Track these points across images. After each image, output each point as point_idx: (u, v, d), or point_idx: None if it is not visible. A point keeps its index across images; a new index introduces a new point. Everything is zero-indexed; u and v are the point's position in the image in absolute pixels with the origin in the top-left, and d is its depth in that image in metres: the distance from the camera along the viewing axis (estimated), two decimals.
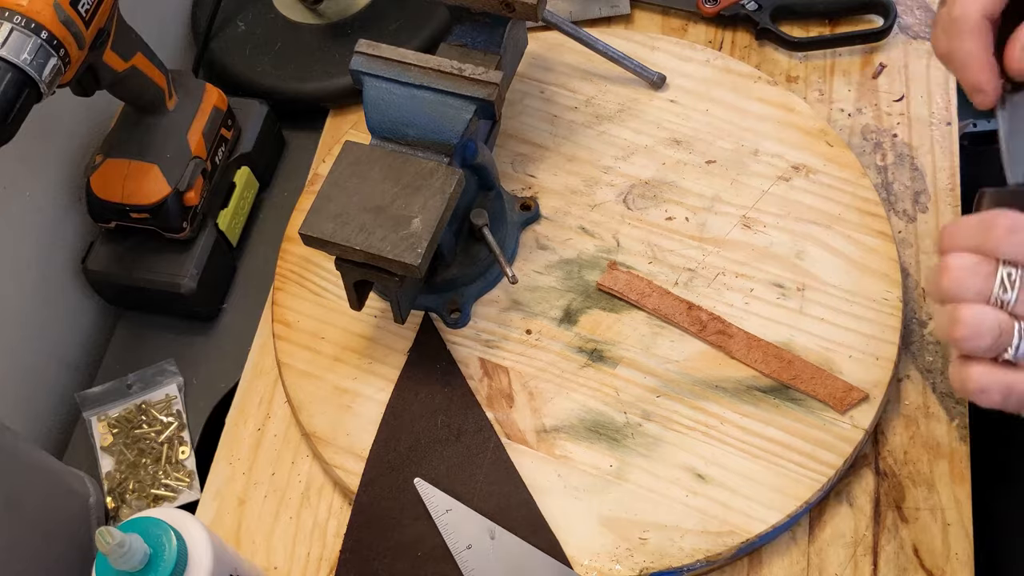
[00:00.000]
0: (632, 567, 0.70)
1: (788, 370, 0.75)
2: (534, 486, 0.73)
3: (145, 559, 0.58)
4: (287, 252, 0.86)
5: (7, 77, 0.66)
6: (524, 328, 0.80)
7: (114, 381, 0.85)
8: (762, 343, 0.76)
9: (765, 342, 0.76)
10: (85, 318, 0.92)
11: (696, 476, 0.72)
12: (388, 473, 0.74)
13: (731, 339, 0.77)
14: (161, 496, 0.81)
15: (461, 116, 0.73)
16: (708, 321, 0.78)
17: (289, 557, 0.75)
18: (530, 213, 0.84)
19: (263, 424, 0.81)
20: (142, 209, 0.83)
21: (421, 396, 0.77)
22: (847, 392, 0.74)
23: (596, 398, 0.76)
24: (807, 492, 0.71)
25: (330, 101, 0.96)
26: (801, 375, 0.75)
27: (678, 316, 0.78)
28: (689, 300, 0.79)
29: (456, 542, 0.71)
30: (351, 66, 0.74)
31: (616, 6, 0.97)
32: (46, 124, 0.83)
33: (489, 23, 0.81)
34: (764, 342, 0.76)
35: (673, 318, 0.78)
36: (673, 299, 0.79)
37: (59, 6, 0.67)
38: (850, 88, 0.90)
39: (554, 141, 0.89)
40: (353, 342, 0.81)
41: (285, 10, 1.00)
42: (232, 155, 0.91)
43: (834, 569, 0.71)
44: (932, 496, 0.73)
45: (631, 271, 0.81)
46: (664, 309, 0.79)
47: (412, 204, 0.70)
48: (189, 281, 0.85)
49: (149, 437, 0.83)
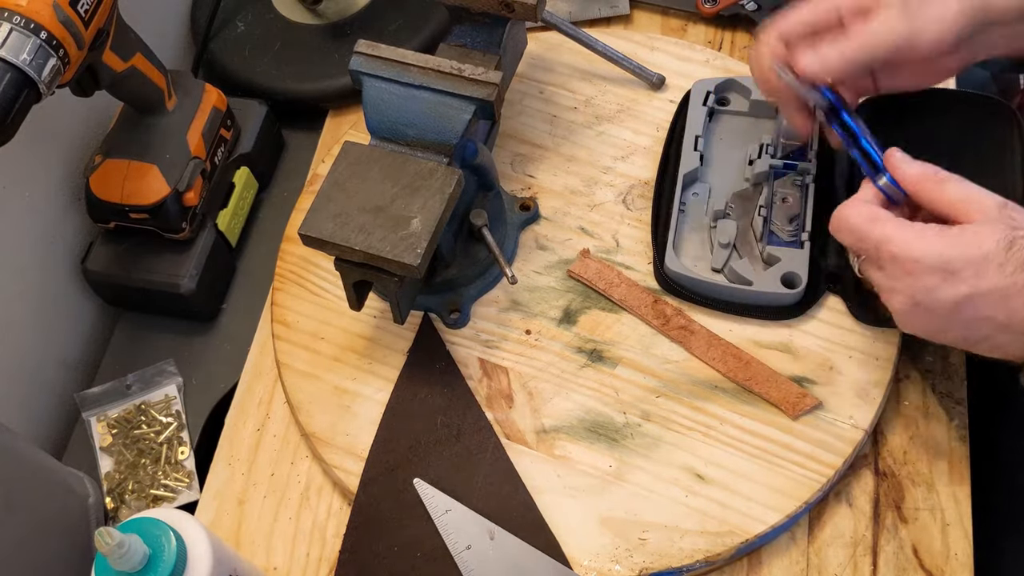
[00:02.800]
0: (631, 567, 0.70)
1: (744, 371, 0.75)
2: (534, 486, 0.73)
3: (144, 559, 0.58)
4: (286, 252, 0.86)
5: (6, 77, 0.66)
6: (524, 328, 0.80)
7: (113, 381, 0.85)
8: (722, 342, 0.77)
9: (725, 341, 0.77)
10: (85, 318, 0.92)
11: (695, 476, 0.72)
12: (387, 473, 0.74)
13: (692, 335, 0.77)
14: (160, 496, 0.81)
15: (460, 116, 0.73)
16: (672, 316, 0.78)
17: (289, 557, 0.75)
18: (529, 213, 0.84)
19: (263, 424, 0.81)
20: (141, 209, 0.83)
21: (421, 396, 0.77)
22: (800, 398, 0.74)
23: (595, 398, 0.76)
24: (806, 492, 0.71)
25: (329, 101, 0.96)
26: (756, 377, 0.75)
27: (642, 308, 0.78)
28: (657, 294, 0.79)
29: (456, 542, 0.71)
30: (350, 66, 0.74)
31: (616, 6, 0.97)
32: (46, 124, 0.83)
33: (489, 23, 0.81)
34: (724, 341, 0.77)
35: (637, 310, 0.78)
36: (640, 291, 0.79)
37: (58, 6, 0.67)
38: None
39: (554, 141, 0.89)
40: (353, 342, 0.81)
41: (285, 10, 1.00)
42: (231, 155, 0.91)
43: (833, 569, 0.71)
44: (932, 496, 0.73)
45: (603, 261, 0.81)
46: (630, 300, 0.79)
47: (411, 204, 0.70)
48: (189, 281, 0.85)
49: (148, 437, 0.83)
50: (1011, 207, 0.61)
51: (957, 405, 0.76)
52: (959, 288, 0.60)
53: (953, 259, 0.60)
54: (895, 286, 0.63)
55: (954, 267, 0.60)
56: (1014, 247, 0.59)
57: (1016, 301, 0.60)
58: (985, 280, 0.60)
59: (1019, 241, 0.59)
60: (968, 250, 0.60)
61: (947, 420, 0.76)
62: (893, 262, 0.62)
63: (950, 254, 0.60)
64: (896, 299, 0.64)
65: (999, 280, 0.59)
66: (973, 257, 0.60)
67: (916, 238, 0.61)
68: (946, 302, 0.61)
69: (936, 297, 0.61)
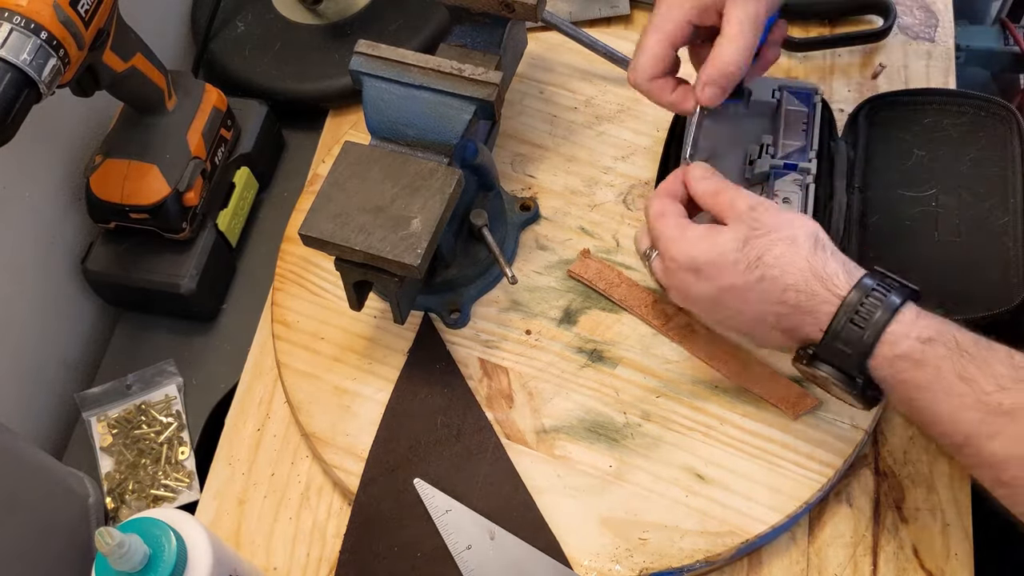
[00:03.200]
0: (632, 567, 0.70)
1: (745, 372, 0.75)
2: (534, 486, 0.73)
3: (145, 559, 0.58)
4: (287, 252, 0.86)
5: (7, 77, 0.65)
6: (524, 328, 0.80)
7: (114, 381, 0.85)
8: (723, 342, 0.77)
9: (726, 341, 0.77)
10: (85, 318, 0.92)
11: (696, 476, 0.72)
12: (388, 473, 0.74)
13: (693, 335, 0.77)
14: (161, 496, 0.81)
15: (461, 116, 0.73)
16: (673, 315, 0.78)
17: (289, 557, 0.75)
18: (530, 213, 0.84)
19: (263, 424, 0.81)
20: (142, 209, 0.83)
21: (421, 396, 0.77)
22: (801, 398, 0.74)
23: (596, 398, 0.76)
24: (807, 492, 0.71)
25: (330, 101, 0.96)
26: (757, 377, 0.75)
27: (643, 308, 0.79)
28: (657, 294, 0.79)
29: (456, 542, 0.71)
30: (351, 66, 0.74)
31: (616, 6, 0.97)
32: (46, 124, 0.83)
33: (489, 23, 0.81)
34: (725, 341, 0.77)
35: (638, 310, 0.78)
36: (640, 291, 0.79)
37: (59, 6, 0.67)
38: (850, 88, 0.90)
39: (554, 141, 0.89)
40: (353, 342, 0.81)
41: (285, 10, 1.00)
42: (232, 155, 0.91)
43: (834, 569, 0.71)
44: (932, 496, 0.73)
45: (603, 261, 0.81)
46: (630, 300, 0.79)
47: (412, 204, 0.70)
48: (189, 281, 0.85)
49: (149, 437, 0.83)
50: (760, 209, 0.66)
51: None
52: (706, 284, 0.66)
53: (697, 258, 0.66)
54: (668, 282, 0.70)
55: (698, 266, 0.66)
56: (746, 247, 0.64)
57: (751, 297, 0.65)
58: (724, 278, 0.65)
59: (752, 242, 0.64)
60: (710, 250, 0.66)
61: None
62: (663, 257, 0.69)
63: (695, 254, 0.66)
64: (672, 294, 0.71)
65: (735, 278, 0.65)
66: (711, 257, 0.66)
67: (678, 239, 0.68)
68: (701, 297, 0.68)
69: (694, 293, 0.68)
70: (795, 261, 0.63)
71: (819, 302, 0.63)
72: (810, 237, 0.64)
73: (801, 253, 0.63)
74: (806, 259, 0.63)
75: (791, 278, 0.63)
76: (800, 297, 0.63)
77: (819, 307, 0.63)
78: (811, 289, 0.63)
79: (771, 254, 0.64)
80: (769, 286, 0.64)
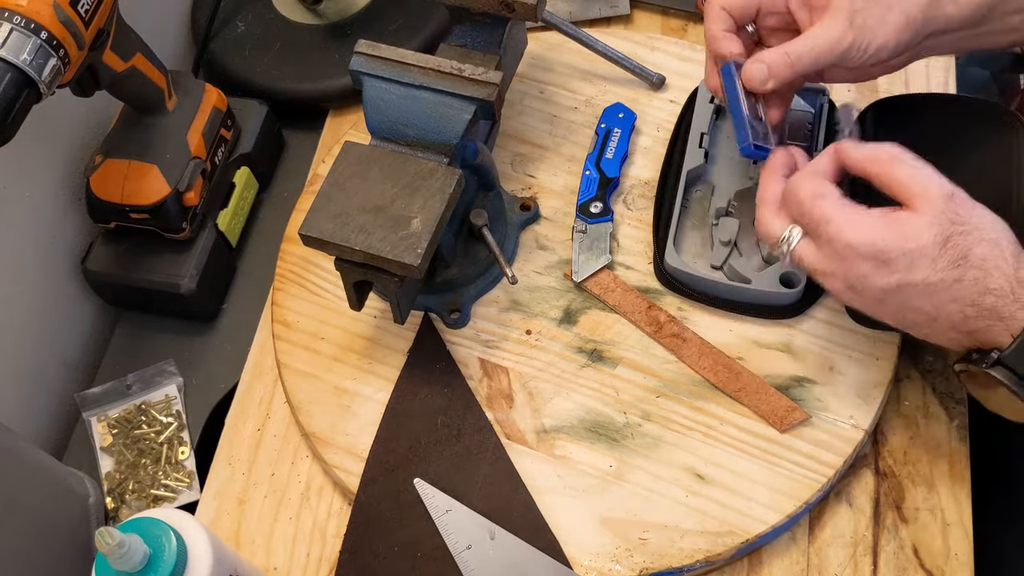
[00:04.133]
0: (632, 567, 0.70)
1: (734, 382, 0.75)
2: (534, 486, 0.73)
3: (145, 559, 0.58)
4: (287, 252, 0.86)
5: (7, 77, 0.65)
6: (524, 328, 0.80)
7: (114, 381, 0.85)
8: (714, 351, 0.77)
9: (717, 350, 0.77)
10: (85, 318, 0.92)
11: (696, 476, 0.72)
12: (388, 473, 0.74)
13: (684, 343, 0.77)
14: (161, 496, 0.81)
15: (461, 116, 0.73)
16: (665, 323, 0.78)
17: (289, 557, 0.75)
18: (530, 213, 0.84)
19: (263, 424, 0.81)
20: (142, 209, 0.83)
21: (421, 396, 0.77)
22: (789, 411, 0.74)
23: (596, 398, 0.76)
24: (807, 492, 0.71)
25: (330, 101, 0.96)
26: (746, 388, 0.75)
27: (636, 314, 0.78)
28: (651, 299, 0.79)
29: (456, 542, 0.71)
30: (351, 66, 0.74)
31: (616, 6, 0.97)
32: (46, 124, 0.83)
33: (489, 23, 0.81)
34: (716, 350, 0.77)
35: (631, 316, 0.78)
36: (635, 296, 0.79)
37: (59, 6, 0.67)
38: (850, 88, 0.90)
39: (554, 141, 0.89)
40: (353, 342, 0.81)
41: (285, 10, 1.00)
42: (232, 155, 0.91)
43: (834, 569, 0.71)
44: (932, 496, 0.73)
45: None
46: (624, 306, 0.79)
47: (412, 204, 0.70)
48: (189, 281, 0.85)
49: (149, 437, 0.83)
50: (958, 199, 0.62)
51: (957, 405, 0.76)
52: (890, 278, 0.61)
53: (887, 249, 0.61)
54: (828, 269, 0.64)
55: (887, 257, 0.61)
56: (948, 244, 0.61)
57: (943, 296, 0.61)
58: (916, 273, 0.61)
59: (955, 238, 0.61)
60: (904, 242, 0.61)
61: (947, 420, 0.76)
62: (829, 244, 0.63)
63: (884, 244, 0.61)
64: (830, 282, 0.65)
65: (929, 274, 0.61)
66: (908, 249, 0.61)
67: (853, 223, 0.62)
68: (876, 289, 0.62)
69: (868, 284, 0.62)
70: (1000, 265, 0.61)
71: (1017, 308, 0.60)
72: (1012, 242, 0.62)
73: (1007, 258, 0.61)
74: (1012, 264, 0.61)
75: (995, 282, 0.60)
76: (1000, 302, 0.61)
77: (1016, 313, 0.60)
78: (1015, 295, 0.60)
79: (975, 254, 0.60)
80: (968, 287, 0.61)
